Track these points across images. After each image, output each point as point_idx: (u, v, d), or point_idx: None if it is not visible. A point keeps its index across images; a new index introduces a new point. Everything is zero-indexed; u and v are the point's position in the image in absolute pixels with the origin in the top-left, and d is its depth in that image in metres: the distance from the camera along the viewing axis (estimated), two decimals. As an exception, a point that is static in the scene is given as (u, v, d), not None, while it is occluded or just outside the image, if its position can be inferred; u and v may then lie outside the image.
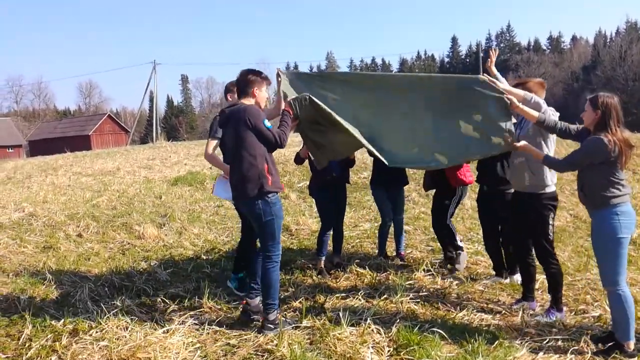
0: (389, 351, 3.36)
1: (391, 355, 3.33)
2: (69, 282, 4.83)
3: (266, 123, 3.62)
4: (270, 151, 3.73)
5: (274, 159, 3.81)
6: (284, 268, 5.26)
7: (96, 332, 3.54)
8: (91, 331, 3.56)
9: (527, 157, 3.82)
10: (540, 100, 3.81)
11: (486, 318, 3.94)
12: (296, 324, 3.77)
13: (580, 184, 3.43)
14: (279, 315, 3.78)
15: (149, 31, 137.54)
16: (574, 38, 73.38)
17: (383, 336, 3.53)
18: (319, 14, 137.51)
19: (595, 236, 3.37)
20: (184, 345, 3.39)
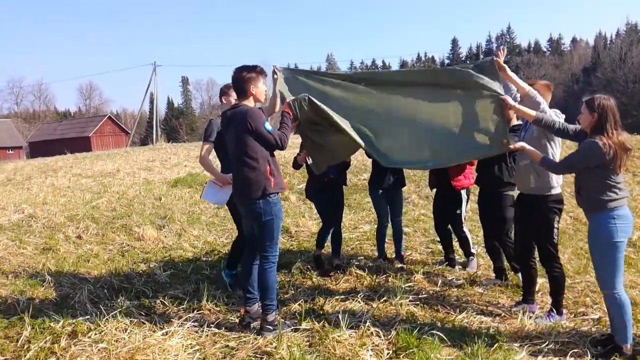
0: (388, 354, 3.35)
1: (390, 358, 3.32)
2: (68, 283, 4.83)
3: (267, 126, 3.61)
4: (271, 153, 3.73)
5: (277, 159, 3.81)
6: (284, 270, 5.26)
7: (95, 334, 3.54)
8: (90, 333, 3.55)
9: (532, 159, 3.81)
10: (540, 100, 3.77)
11: (486, 320, 3.93)
12: (295, 326, 3.77)
13: (577, 187, 3.42)
14: (277, 317, 3.77)
15: (149, 33, 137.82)
16: (574, 40, 73.49)
17: (382, 339, 3.53)
18: (319, 15, 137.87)
19: (592, 240, 3.35)
20: (183, 347, 3.38)
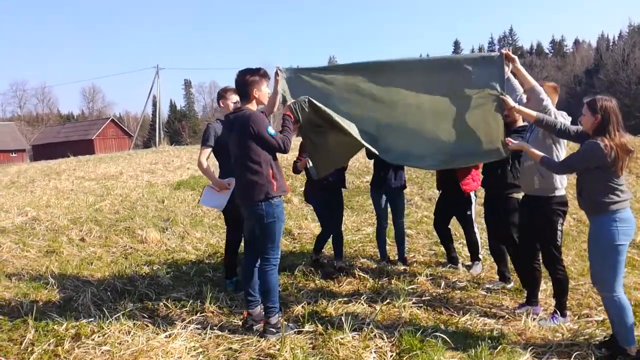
0: (391, 356, 3.35)
1: (394, 360, 3.32)
2: (71, 286, 4.84)
3: (269, 130, 3.62)
4: (274, 156, 3.73)
5: (279, 162, 3.82)
6: (286, 272, 5.26)
7: (98, 336, 3.54)
8: (93, 335, 3.56)
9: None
10: (545, 97, 3.74)
11: (489, 322, 3.92)
12: (298, 328, 3.76)
13: (578, 189, 3.39)
14: (280, 319, 3.77)
15: (152, 36, 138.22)
16: (576, 41, 73.46)
17: (386, 341, 3.52)
18: (321, 16, 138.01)
19: (593, 242, 3.31)
20: (186, 349, 3.39)
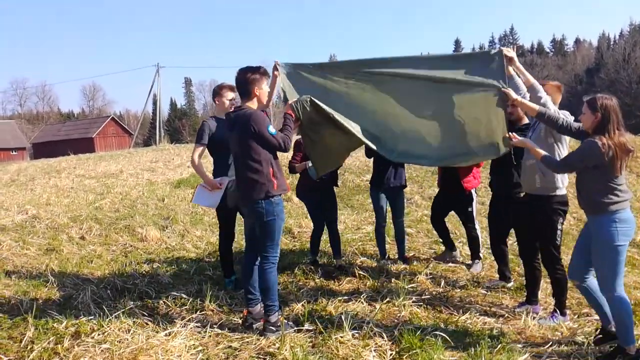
0: (391, 355, 3.34)
1: (394, 359, 3.31)
2: (71, 284, 4.84)
3: (270, 129, 3.62)
4: (275, 155, 3.73)
5: (280, 161, 3.82)
6: (287, 271, 5.26)
7: (98, 334, 3.54)
8: (93, 334, 3.56)
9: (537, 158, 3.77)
10: (543, 95, 3.73)
11: (489, 321, 3.92)
12: (298, 327, 3.76)
13: (578, 188, 3.37)
14: (280, 318, 3.77)
15: (152, 34, 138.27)
16: (577, 41, 73.47)
17: (385, 339, 3.52)
18: (321, 15, 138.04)
19: (593, 242, 3.29)
20: (186, 348, 3.38)
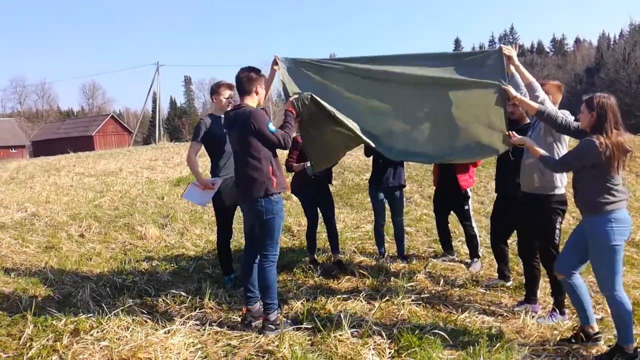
0: (390, 353, 3.35)
1: (392, 357, 3.32)
2: (70, 282, 4.84)
3: (270, 127, 3.61)
4: (273, 152, 3.73)
5: (279, 159, 3.83)
6: (286, 269, 5.26)
7: (97, 332, 3.54)
8: (92, 331, 3.55)
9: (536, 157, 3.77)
10: (541, 94, 3.74)
11: (488, 320, 3.93)
12: (297, 325, 3.76)
13: (574, 188, 3.37)
14: (279, 316, 3.77)
15: (152, 33, 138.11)
16: (577, 40, 73.45)
17: (384, 338, 3.52)
18: (321, 16, 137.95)
19: (590, 243, 3.28)
20: (185, 345, 3.39)
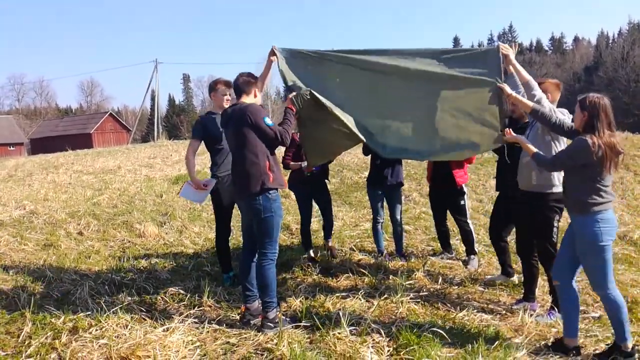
0: (388, 351, 3.35)
1: (391, 355, 3.32)
2: (69, 280, 4.83)
3: (267, 121, 3.62)
4: (271, 149, 3.72)
5: (277, 156, 3.83)
6: (284, 267, 5.26)
7: (96, 330, 3.54)
8: (91, 329, 3.55)
9: None
10: (537, 93, 3.75)
11: (486, 318, 3.93)
12: (296, 323, 3.76)
13: (564, 187, 3.37)
14: (278, 314, 3.77)
15: (151, 30, 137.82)
16: (576, 39, 73.50)
17: (383, 336, 3.52)
18: (321, 16, 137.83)
19: (579, 244, 3.27)
20: (183, 343, 3.39)
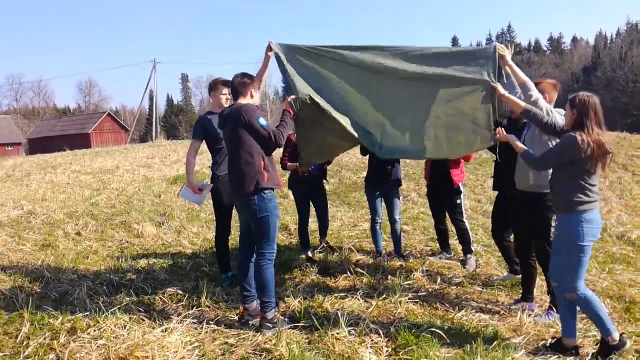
0: (387, 351, 3.36)
1: (390, 355, 3.33)
2: (67, 280, 4.82)
3: (261, 121, 3.62)
4: (266, 149, 3.71)
5: (273, 157, 3.82)
6: (283, 267, 5.26)
7: (94, 330, 3.53)
8: (89, 329, 3.55)
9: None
10: (534, 94, 3.75)
11: (485, 318, 3.94)
12: (294, 323, 3.76)
13: (551, 185, 3.36)
14: (277, 314, 3.77)
15: (149, 30, 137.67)
16: (574, 39, 73.54)
17: (381, 336, 3.53)
18: (321, 16, 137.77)
19: (560, 240, 3.27)
20: (182, 344, 3.38)
